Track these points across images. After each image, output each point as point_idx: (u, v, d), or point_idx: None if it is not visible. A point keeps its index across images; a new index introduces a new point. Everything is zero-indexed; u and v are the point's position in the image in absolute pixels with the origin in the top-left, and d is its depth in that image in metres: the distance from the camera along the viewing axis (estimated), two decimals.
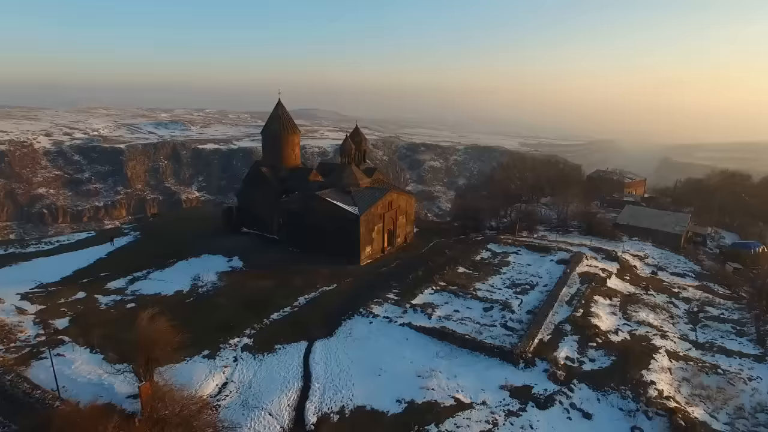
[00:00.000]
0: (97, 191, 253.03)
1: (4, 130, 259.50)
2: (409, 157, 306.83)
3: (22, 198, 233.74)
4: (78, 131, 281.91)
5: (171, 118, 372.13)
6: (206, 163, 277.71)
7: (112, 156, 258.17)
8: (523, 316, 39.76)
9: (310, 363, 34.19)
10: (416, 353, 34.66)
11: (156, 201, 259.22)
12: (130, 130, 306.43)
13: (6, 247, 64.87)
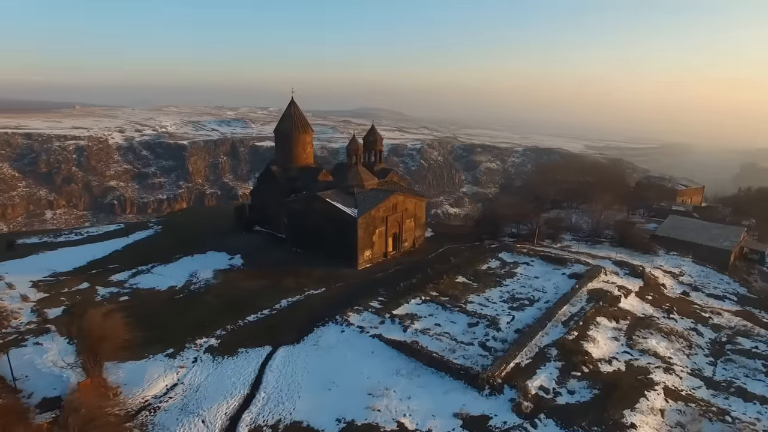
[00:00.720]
0: (161, 185, 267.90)
1: (86, 126, 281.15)
2: (465, 158, 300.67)
3: (97, 189, 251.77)
4: (148, 128, 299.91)
5: (234, 116, 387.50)
6: (262, 159, 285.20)
7: (175, 152, 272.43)
8: (509, 335, 36.20)
9: (266, 370, 32.76)
10: (376, 368, 32.30)
11: (214, 195, 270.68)
12: (195, 128, 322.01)
13: (41, 236, 68.96)
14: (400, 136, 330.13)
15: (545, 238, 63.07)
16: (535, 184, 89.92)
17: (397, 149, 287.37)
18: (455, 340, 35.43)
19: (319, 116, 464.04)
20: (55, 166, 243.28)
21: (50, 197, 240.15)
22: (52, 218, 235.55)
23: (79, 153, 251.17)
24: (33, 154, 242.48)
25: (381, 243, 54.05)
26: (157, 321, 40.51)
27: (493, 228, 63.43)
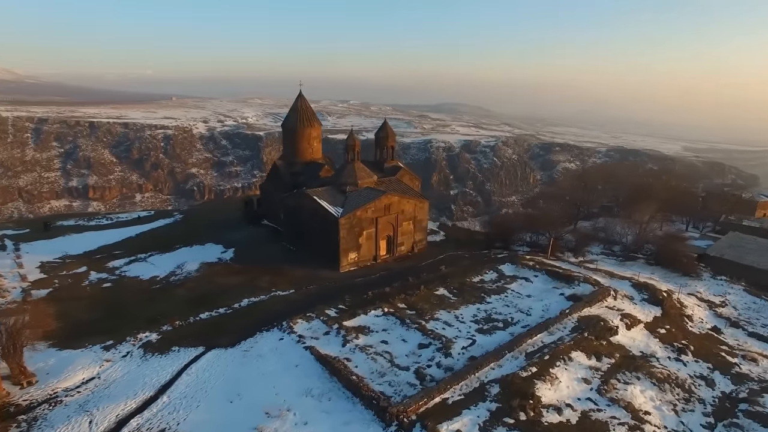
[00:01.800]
0: (237, 173, 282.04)
1: (175, 117, 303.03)
2: (542, 157, 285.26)
3: (180, 176, 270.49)
4: (230, 119, 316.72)
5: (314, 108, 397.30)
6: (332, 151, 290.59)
7: (252, 142, 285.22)
8: (458, 363, 31.69)
9: (183, 374, 31.28)
10: (291, 384, 29.54)
11: None
12: (273, 119, 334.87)
13: (77, 219, 73.82)
14: (475, 133, 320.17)
15: (564, 251, 56.27)
16: (573, 188, 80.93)
17: (470, 146, 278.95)
18: (392, 363, 31.67)
19: (399, 110, 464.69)
20: (145, 153, 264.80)
21: (140, 182, 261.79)
22: (140, 201, 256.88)
23: (166, 141, 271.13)
24: (128, 141, 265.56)
25: (370, 246, 50.86)
26: (119, 310, 40.91)
27: (504, 236, 57.60)
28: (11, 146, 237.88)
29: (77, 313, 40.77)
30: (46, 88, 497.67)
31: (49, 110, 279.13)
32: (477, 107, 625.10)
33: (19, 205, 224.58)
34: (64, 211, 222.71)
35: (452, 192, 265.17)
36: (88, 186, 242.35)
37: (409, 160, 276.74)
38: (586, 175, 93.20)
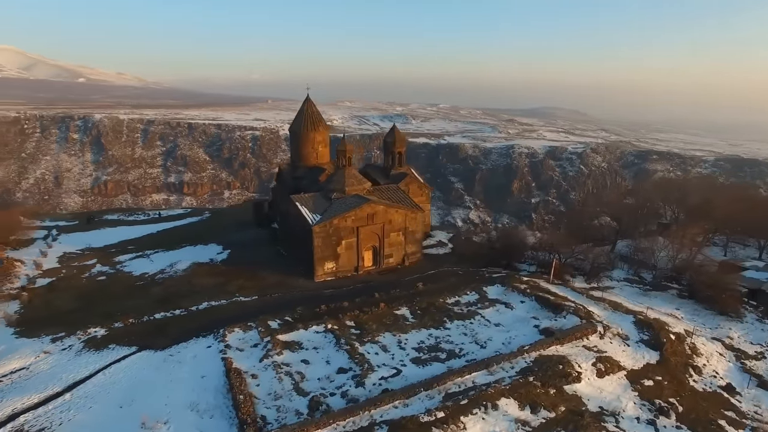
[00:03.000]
0: None
1: (264, 119, 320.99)
2: (636, 166, 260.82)
3: (265, 175, 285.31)
4: None
5: (401, 111, 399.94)
6: (414, 156, 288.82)
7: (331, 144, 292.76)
8: (370, 394, 28.67)
9: (101, 372, 31.69)
10: (183, 395, 28.53)
11: None
12: (358, 122, 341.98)
13: (119, 214, 79.99)
14: (563, 138, 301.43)
15: (579, 273, 49.72)
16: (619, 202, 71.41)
17: (555, 152, 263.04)
18: (296, 385, 29.41)
19: (488, 114, 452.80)
20: (234, 153, 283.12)
21: (229, 179, 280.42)
22: (228, 197, 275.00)
23: (254, 142, 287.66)
24: (220, 141, 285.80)
25: (350, 256, 48.64)
26: (94, 304, 42.95)
27: (508, 253, 52.18)
28: (124, 145, 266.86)
29: (59, 303, 43.51)
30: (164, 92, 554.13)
31: (158, 113, 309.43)
32: (573, 111, 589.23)
33: (127, 198, 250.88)
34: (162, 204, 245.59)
35: (533, 200, 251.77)
36: (183, 182, 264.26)
37: (490, 166, 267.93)
38: (643, 188, 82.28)
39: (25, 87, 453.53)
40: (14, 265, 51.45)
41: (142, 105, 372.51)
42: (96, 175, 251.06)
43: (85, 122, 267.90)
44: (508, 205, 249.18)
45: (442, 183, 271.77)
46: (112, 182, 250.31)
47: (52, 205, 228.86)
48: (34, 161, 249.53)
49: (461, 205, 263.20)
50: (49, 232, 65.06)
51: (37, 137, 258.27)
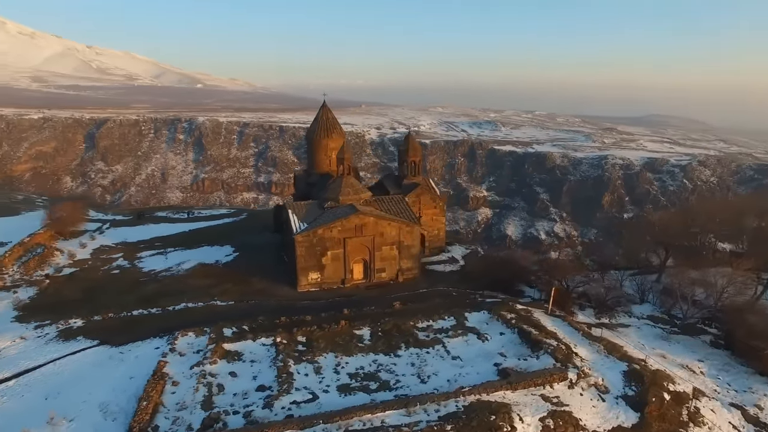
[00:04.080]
0: None
1: (353, 123, 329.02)
2: (756, 181, 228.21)
3: None
4: (403, 126, 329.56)
5: (493, 118, 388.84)
6: (499, 164, 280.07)
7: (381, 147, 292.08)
8: (275, 416, 27.16)
9: (52, 363, 33.55)
10: (104, 394, 29.04)
11: (446, 195, 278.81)
12: (447, 128, 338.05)
13: (167, 211, 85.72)
14: (667, 150, 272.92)
15: (588, 305, 43.82)
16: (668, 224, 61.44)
17: (655, 164, 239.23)
18: (208, 398, 28.66)
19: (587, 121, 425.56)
20: None
21: None
22: None
23: None
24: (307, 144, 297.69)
25: (336, 267, 47.19)
26: (93, 296, 46.08)
27: (511, 276, 47.33)
28: (221, 146, 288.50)
29: (67, 293, 47.32)
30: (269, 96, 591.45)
31: (255, 116, 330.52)
32: (690, 120, 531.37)
33: (221, 195, 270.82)
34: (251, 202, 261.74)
35: (626, 215, 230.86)
36: (272, 182, 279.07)
37: (579, 177, 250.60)
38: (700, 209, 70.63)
39: (152, 93, 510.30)
40: (53, 254, 56.97)
41: (244, 108, 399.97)
42: (195, 173, 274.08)
43: (190, 124, 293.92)
44: (597, 219, 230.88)
45: (526, 193, 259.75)
46: (209, 180, 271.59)
47: (157, 199, 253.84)
48: (147, 159, 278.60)
49: (546, 217, 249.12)
50: (101, 226, 71.49)
51: (151, 137, 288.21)
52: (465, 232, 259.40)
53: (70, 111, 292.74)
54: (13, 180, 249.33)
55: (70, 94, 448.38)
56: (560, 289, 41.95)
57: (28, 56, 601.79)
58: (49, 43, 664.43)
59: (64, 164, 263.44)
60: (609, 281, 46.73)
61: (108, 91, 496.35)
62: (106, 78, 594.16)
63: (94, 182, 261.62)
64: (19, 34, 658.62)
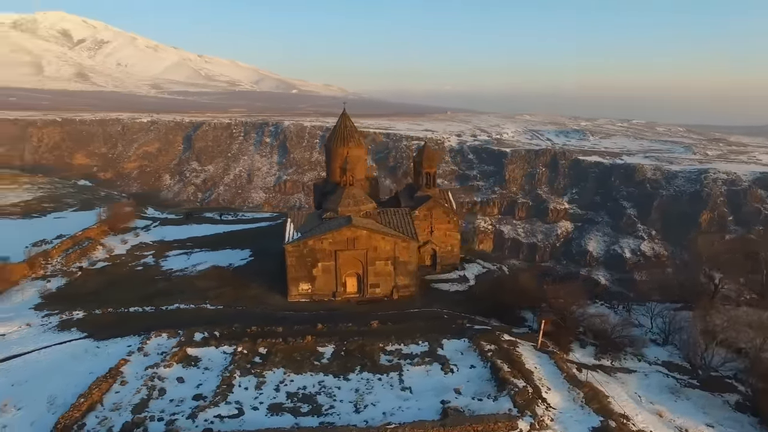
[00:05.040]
0: (478, 188, 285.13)
1: (434, 129, 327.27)
2: None
3: None
4: (485, 134, 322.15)
5: (582, 127, 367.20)
6: (583, 175, 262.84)
7: (497, 158, 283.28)
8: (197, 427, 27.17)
9: (39, 351, 36.38)
10: (57, 388, 30.65)
11: (525, 206, 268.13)
12: (531, 136, 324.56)
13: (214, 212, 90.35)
14: None
15: (589, 343, 39.09)
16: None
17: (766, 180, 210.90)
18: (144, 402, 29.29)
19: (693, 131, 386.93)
20: (399, 161, 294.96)
21: (392, 187, 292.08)
22: None
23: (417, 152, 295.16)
24: (387, 150, 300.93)
25: (328, 279, 46.46)
26: (109, 290, 49.63)
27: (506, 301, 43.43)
28: (304, 149, 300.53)
29: (90, 285, 51.44)
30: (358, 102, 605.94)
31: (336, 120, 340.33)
32: None
33: (301, 197, 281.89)
34: None
35: (727, 236, 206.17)
36: None
37: (672, 192, 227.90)
38: None
39: (250, 98, 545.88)
40: (95, 248, 62.40)
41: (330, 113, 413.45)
42: (279, 175, 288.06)
43: (276, 128, 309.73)
44: (692, 239, 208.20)
45: (611, 207, 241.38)
46: (291, 182, 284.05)
47: (242, 198, 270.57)
48: (235, 160, 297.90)
49: (632, 234, 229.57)
50: (150, 224, 77.21)
51: (241, 140, 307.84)
52: (543, 246, 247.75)
53: (173, 115, 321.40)
54: (123, 176, 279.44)
55: (179, 99, 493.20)
56: (551, 320, 37.69)
57: (151, 66, 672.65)
58: (169, 55, 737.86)
59: (164, 163, 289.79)
60: (620, 315, 41.35)
61: (211, 96, 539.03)
62: (212, 84, 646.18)
63: (189, 180, 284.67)
64: (145, 48, 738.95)
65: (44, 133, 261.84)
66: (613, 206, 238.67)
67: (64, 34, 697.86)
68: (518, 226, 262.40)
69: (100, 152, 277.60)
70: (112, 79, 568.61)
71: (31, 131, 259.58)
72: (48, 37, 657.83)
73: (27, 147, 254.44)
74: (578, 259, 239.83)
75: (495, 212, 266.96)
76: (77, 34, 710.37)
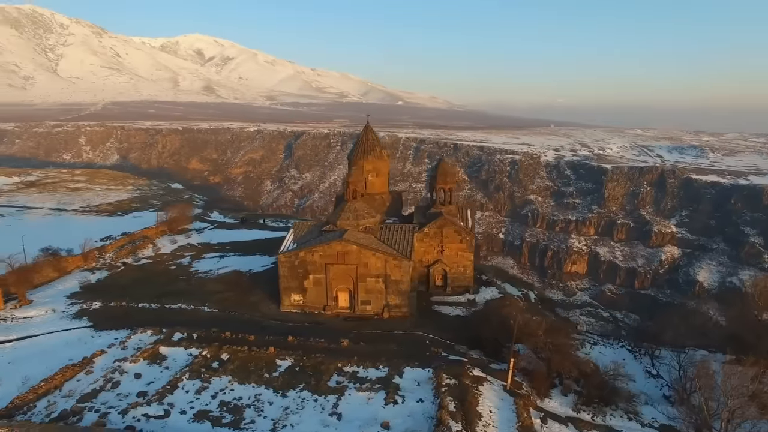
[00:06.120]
0: (574, 206, 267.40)
1: (531, 143, 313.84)
2: None
3: (518, 201, 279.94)
4: (585, 149, 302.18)
5: (703, 142, 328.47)
6: (696, 196, 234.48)
7: (596, 175, 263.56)
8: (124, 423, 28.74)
9: (45, 335, 40.87)
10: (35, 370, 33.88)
11: (625, 227, 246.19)
12: (638, 152, 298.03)
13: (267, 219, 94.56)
14: None
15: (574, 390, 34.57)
16: None
17: None
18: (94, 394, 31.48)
19: None
20: (491, 175, 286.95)
21: (483, 201, 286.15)
22: (479, 218, 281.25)
23: (512, 166, 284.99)
24: (480, 163, 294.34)
25: (319, 292, 46.28)
26: (136, 286, 54.18)
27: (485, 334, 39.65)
28: (397, 160, 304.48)
29: (123, 281, 56.48)
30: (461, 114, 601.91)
31: (434, 133, 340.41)
32: None
33: None
34: None
35: None
36: None
37: None
38: None
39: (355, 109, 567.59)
40: (146, 246, 68.80)
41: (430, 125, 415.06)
42: None
43: None
44: None
45: (730, 233, 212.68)
46: None
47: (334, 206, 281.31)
48: (331, 169, 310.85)
49: (755, 265, 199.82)
50: (206, 227, 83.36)
51: (338, 149, 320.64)
52: (643, 272, 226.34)
53: (276, 124, 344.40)
54: (229, 180, 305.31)
55: (289, 110, 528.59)
56: (518, 359, 33.95)
57: (267, 79, 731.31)
58: (285, 68, 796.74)
59: (267, 170, 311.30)
60: (614, 361, 35.96)
61: (319, 107, 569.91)
62: (321, 96, 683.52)
63: (287, 187, 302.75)
64: (264, 62, 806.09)
65: (167, 140, 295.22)
66: (732, 232, 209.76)
67: (198, 52, 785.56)
68: (616, 249, 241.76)
69: (211, 158, 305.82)
70: (233, 92, 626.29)
71: (157, 138, 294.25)
72: (185, 56, 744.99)
73: (153, 152, 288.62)
74: (685, 290, 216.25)
75: (591, 232, 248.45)
76: (208, 52, 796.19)
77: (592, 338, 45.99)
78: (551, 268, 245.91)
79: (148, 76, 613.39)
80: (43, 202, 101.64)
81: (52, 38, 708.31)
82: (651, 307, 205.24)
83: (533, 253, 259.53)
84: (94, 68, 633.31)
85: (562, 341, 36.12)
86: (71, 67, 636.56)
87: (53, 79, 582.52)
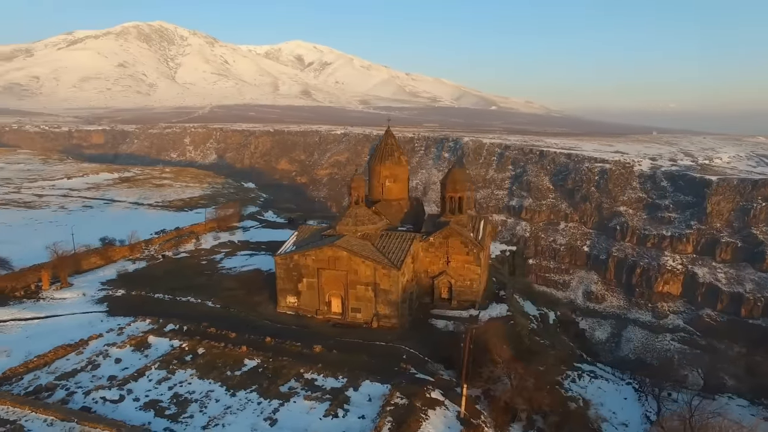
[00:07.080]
0: (670, 220, 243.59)
1: (625, 152, 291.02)
2: None
3: (606, 212, 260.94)
4: (688, 158, 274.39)
5: None
6: None
7: (697, 187, 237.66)
8: (84, 403, 31.39)
9: (67, 316, 45.65)
10: (39, 346, 38.17)
11: (731, 246, 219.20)
12: (756, 162, 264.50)
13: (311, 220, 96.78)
14: None
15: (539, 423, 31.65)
16: None
17: None
18: (73, 373, 34.82)
19: None
20: (578, 185, 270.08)
21: (567, 211, 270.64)
22: (563, 229, 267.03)
23: (600, 175, 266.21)
24: (566, 171, 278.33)
25: (312, 296, 46.62)
26: (165, 277, 58.60)
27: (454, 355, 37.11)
28: (480, 166, 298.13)
29: (155, 271, 61.24)
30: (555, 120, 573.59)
31: (521, 139, 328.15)
32: None
33: (471, 213, 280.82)
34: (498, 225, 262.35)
35: None
36: (523, 207, 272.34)
37: None
38: None
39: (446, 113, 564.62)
40: (190, 241, 74.09)
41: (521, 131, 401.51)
42: None
43: (455, 143, 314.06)
44: None
45: None
46: None
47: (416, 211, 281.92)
48: (414, 173, 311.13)
49: None
50: (253, 226, 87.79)
51: (421, 154, 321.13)
52: (752, 298, 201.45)
53: (362, 128, 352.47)
54: (315, 181, 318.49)
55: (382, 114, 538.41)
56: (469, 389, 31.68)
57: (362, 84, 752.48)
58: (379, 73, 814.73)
59: (351, 172, 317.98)
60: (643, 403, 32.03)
61: (411, 111, 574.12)
62: (414, 100, 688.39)
63: None
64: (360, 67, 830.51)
65: (259, 141, 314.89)
66: None
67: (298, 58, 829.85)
68: (719, 270, 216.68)
69: (299, 159, 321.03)
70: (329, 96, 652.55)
71: (250, 139, 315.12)
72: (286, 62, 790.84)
73: (246, 153, 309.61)
74: None
75: (688, 250, 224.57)
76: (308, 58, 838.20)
77: (593, 372, 41.57)
78: (639, 286, 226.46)
79: (252, 81, 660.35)
80: (127, 197, 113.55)
81: (173, 49, 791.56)
82: (761, 340, 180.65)
83: (620, 269, 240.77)
84: (206, 75, 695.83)
85: (532, 371, 33.09)
86: (187, 74, 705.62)
87: (171, 86, 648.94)
